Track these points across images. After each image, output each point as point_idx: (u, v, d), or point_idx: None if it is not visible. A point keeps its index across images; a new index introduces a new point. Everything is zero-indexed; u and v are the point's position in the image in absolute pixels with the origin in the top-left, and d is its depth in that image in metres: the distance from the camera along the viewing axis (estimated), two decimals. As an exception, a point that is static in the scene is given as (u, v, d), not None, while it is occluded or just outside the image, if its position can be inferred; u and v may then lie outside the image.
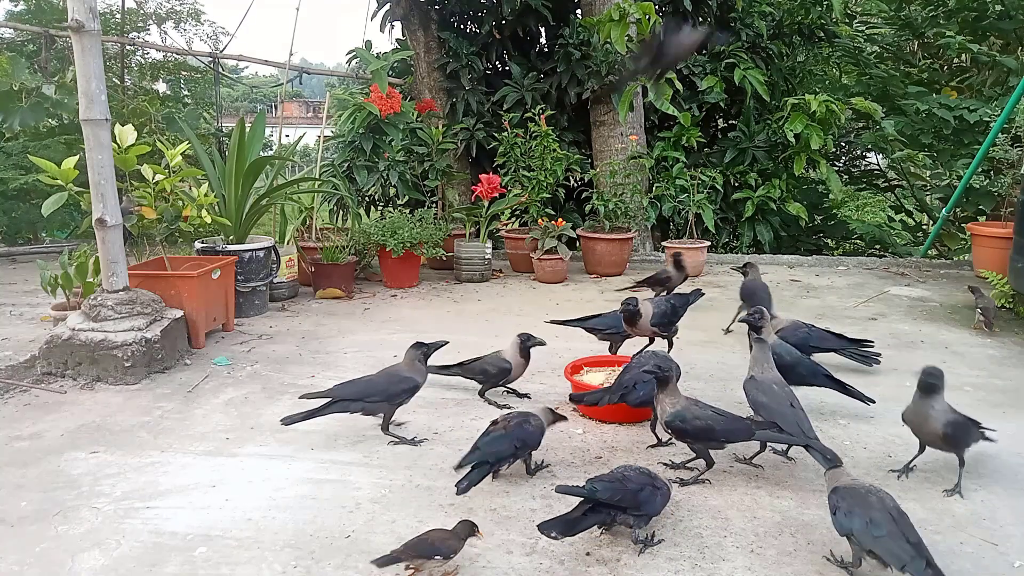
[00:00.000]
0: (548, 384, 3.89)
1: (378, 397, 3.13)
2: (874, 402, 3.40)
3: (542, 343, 3.58)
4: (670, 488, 2.56)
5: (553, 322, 4.29)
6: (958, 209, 8.09)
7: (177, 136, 7.06)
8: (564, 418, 3.03)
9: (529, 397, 3.68)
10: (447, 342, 3.45)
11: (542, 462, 2.97)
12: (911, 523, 2.22)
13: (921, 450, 2.92)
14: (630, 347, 4.18)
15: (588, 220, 7.14)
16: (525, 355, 3.55)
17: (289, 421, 3.07)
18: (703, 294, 4.35)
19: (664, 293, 4.93)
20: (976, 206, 7.69)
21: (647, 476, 2.51)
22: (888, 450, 3.16)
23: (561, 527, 2.36)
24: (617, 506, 2.40)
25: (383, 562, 2.23)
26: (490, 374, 3.57)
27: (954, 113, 7.84)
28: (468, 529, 2.29)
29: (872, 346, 4.01)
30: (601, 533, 2.52)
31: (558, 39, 7.44)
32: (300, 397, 3.29)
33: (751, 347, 3.24)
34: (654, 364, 2.99)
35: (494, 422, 2.88)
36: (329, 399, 3.14)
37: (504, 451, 2.75)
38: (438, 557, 2.22)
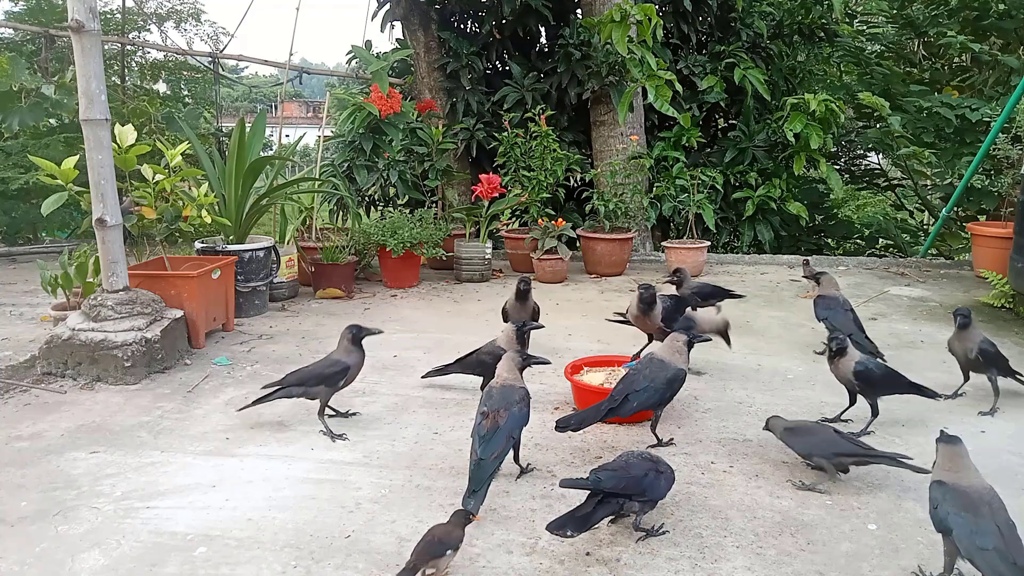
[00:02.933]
0: (548, 384, 3.89)
1: (313, 381, 3.33)
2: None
3: (540, 326, 3.64)
4: (674, 472, 2.57)
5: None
6: (959, 209, 8.09)
7: (177, 136, 7.05)
8: (544, 360, 3.16)
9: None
10: (381, 331, 3.60)
11: (528, 466, 2.95)
12: (1020, 540, 2.06)
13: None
14: (629, 346, 4.19)
15: (588, 220, 7.14)
16: (521, 342, 3.50)
17: (243, 407, 3.34)
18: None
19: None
20: (979, 205, 7.69)
21: (650, 461, 2.53)
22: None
23: (575, 524, 2.35)
24: (623, 494, 2.42)
25: None
26: (488, 364, 3.50)
27: (956, 112, 7.84)
28: (464, 518, 2.29)
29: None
30: (607, 525, 2.54)
31: (558, 39, 7.44)
32: (262, 388, 3.43)
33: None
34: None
35: (483, 413, 2.78)
36: (278, 387, 3.35)
37: (504, 449, 2.73)
38: (449, 552, 2.22)
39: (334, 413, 3.46)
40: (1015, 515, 2.64)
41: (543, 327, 3.78)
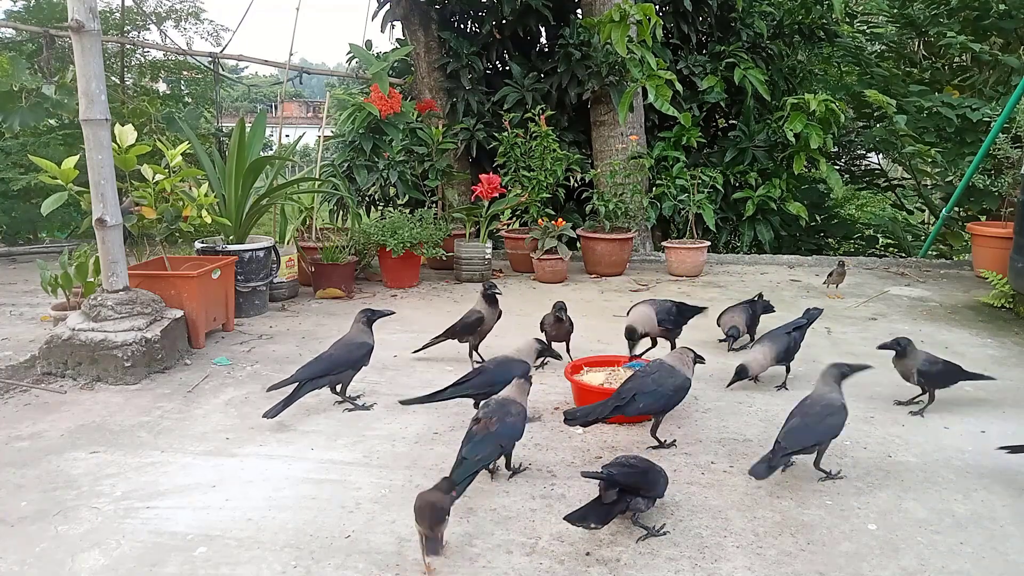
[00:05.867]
0: (548, 384, 3.89)
1: (343, 367, 3.50)
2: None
3: (559, 357, 3.83)
4: (666, 473, 2.64)
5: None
6: (960, 209, 8.08)
7: (177, 136, 7.05)
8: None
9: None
10: (393, 312, 3.92)
11: (520, 466, 2.95)
12: (807, 430, 2.83)
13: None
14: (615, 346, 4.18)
15: (588, 220, 7.14)
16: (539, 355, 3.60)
17: (272, 414, 3.29)
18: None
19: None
20: (981, 205, 7.69)
21: (646, 460, 2.60)
22: (888, 450, 3.16)
23: (596, 516, 2.40)
24: (633, 489, 2.45)
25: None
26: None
27: (956, 112, 7.84)
28: (450, 485, 2.36)
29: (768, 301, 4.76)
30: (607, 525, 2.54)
31: (558, 39, 7.44)
32: (268, 389, 3.51)
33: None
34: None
35: (476, 419, 2.80)
36: (297, 383, 3.40)
37: (489, 455, 2.72)
38: (447, 517, 2.30)
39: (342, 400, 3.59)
40: (1016, 515, 2.65)
41: (560, 359, 3.88)
